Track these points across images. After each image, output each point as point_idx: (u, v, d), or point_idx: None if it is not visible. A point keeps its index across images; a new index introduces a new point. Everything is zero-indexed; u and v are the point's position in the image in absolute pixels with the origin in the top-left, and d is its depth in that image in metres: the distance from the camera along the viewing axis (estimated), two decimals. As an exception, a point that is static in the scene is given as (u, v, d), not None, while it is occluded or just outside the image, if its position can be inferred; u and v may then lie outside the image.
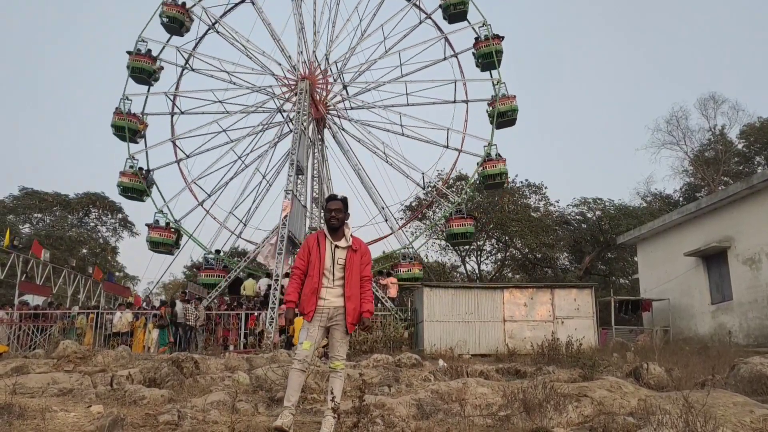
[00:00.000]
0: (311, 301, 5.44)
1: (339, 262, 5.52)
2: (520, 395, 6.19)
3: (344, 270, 5.51)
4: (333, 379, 5.46)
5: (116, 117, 26.01)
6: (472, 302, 17.77)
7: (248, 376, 8.02)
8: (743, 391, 6.39)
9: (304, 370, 5.42)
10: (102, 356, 9.70)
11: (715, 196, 20.38)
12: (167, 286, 43.02)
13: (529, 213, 36.15)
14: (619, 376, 7.94)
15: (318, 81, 27.74)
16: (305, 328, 5.48)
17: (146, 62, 26.42)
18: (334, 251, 5.53)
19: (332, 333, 5.54)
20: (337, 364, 5.44)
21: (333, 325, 5.50)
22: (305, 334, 5.45)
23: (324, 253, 5.51)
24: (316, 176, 28.40)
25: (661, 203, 38.50)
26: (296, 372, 5.38)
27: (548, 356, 11.98)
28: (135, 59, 26.24)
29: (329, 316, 5.47)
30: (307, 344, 5.39)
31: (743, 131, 39.19)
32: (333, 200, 5.64)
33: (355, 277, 5.54)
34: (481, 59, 26.19)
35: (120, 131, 25.90)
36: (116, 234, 44.89)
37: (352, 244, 5.60)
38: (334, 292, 5.50)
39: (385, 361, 10.59)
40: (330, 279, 5.50)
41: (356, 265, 5.55)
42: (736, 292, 18.75)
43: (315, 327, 5.44)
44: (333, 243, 5.56)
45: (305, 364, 5.39)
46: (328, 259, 5.50)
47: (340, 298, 5.49)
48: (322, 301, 5.46)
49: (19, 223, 40.05)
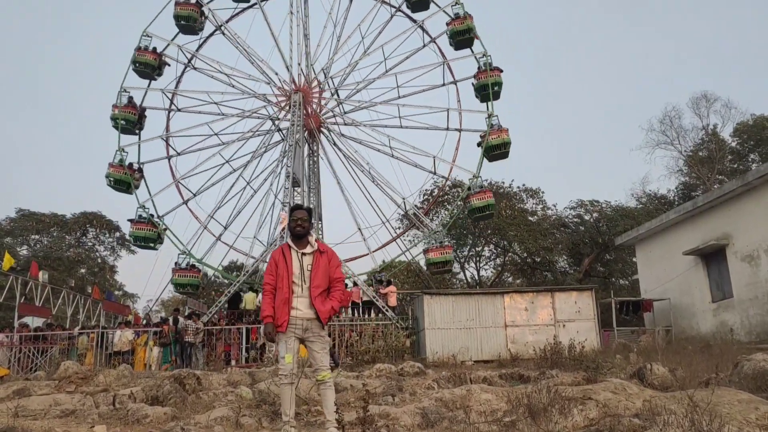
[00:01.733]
0: (283, 311, 5.52)
1: (307, 268, 5.63)
2: (524, 400, 6.17)
3: (311, 276, 5.62)
4: (324, 391, 5.53)
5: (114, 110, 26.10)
6: (473, 308, 17.75)
7: (251, 390, 7.99)
8: (747, 388, 6.38)
9: (293, 382, 5.50)
10: (103, 376, 9.64)
11: (712, 194, 20.43)
12: (166, 303, 42.88)
13: (527, 217, 36.20)
14: (623, 378, 7.93)
15: (312, 94, 27.79)
16: (283, 341, 5.55)
17: (151, 57, 26.59)
18: (301, 259, 5.65)
19: (310, 347, 5.61)
20: (324, 374, 5.51)
21: (309, 338, 5.57)
22: (284, 347, 5.53)
23: (291, 262, 5.62)
24: (314, 188, 28.40)
25: (658, 203, 38.58)
26: (286, 386, 5.48)
27: (551, 360, 11.94)
28: (140, 54, 26.44)
29: (303, 328, 5.55)
30: (288, 357, 5.48)
31: (737, 129, 39.32)
32: (298, 209, 5.84)
33: (322, 277, 5.64)
34: (480, 90, 26.14)
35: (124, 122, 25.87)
36: (114, 252, 44.80)
37: (318, 248, 5.73)
38: (305, 302, 5.57)
39: (388, 371, 10.56)
40: (300, 287, 5.59)
41: (323, 266, 5.67)
42: (736, 289, 18.77)
43: (291, 339, 5.53)
44: (299, 251, 5.67)
45: (292, 376, 5.48)
46: (296, 267, 5.61)
47: (312, 309, 5.57)
48: (295, 311, 5.54)
49: (16, 245, 39.95)
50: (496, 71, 26.13)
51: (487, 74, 25.77)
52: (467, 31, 26.22)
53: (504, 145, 25.46)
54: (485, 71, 25.90)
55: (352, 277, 22.95)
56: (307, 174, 27.49)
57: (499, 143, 25.34)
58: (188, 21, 26.77)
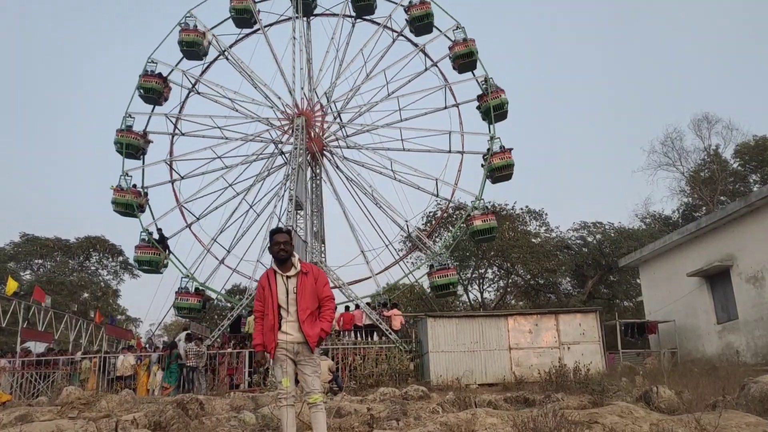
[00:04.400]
0: (270, 338, 5.52)
1: (293, 291, 5.58)
2: (530, 424, 6.11)
3: (296, 299, 5.57)
4: (315, 414, 5.50)
5: (119, 134, 26.28)
6: (477, 331, 17.66)
7: (254, 415, 7.94)
8: (755, 411, 6.32)
9: (293, 404, 5.52)
10: (106, 401, 9.59)
11: (715, 215, 20.40)
12: (169, 327, 42.73)
13: (530, 239, 36.16)
14: (630, 401, 7.86)
15: (315, 118, 27.99)
16: (278, 365, 5.56)
17: (156, 82, 26.83)
18: (286, 282, 5.61)
19: (301, 370, 5.59)
20: (315, 398, 5.50)
21: (299, 361, 5.56)
22: (280, 371, 5.54)
23: (275, 288, 5.59)
24: (317, 211, 28.45)
25: (661, 224, 38.54)
26: (285, 408, 5.48)
27: (556, 383, 11.84)
28: (145, 80, 26.70)
29: (294, 351, 5.54)
30: (285, 381, 5.48)
31: (738, 150, 39.37)
32: (279, 233, 5.76)
33: (309, 298, 5.59)
34: (487, 113, 26.22)
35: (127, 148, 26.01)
36: (117, 277, 44.81)
37: (301, 269, 5.68)
38: (295, 325, 5.54)
39: (392, 395, 10.48)
40: (288, 311, 5.56)
41: (309, 287, 5.61)
42: (741, 310, 18.65)
43: (286, 362, 5.53)
44: (284, 275, 5.64)
45: (291, 398, 5.49)
46: (281, 293, 5.58)
47: (301, 333, 5.54)
48: (284, 335, 5.52)
49: (20, 270, 39.98)
50: (498, 92, 26.30)
51: (490, 97, 25.95)
52: (469, 54, 26.46)
53: (507, 166, 25.55)
54: (488, 94, 26.08)
55: (354, 300, 22.90)
56: (310, 197, 27.58)
57: (503, 165, 25.43)
58: (192, 47, 27.10)
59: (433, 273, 24.84)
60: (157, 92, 26.89)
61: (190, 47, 27.09)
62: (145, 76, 26.84)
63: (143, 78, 26.75)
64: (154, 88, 26.75)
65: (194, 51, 27.30)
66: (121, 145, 26.04)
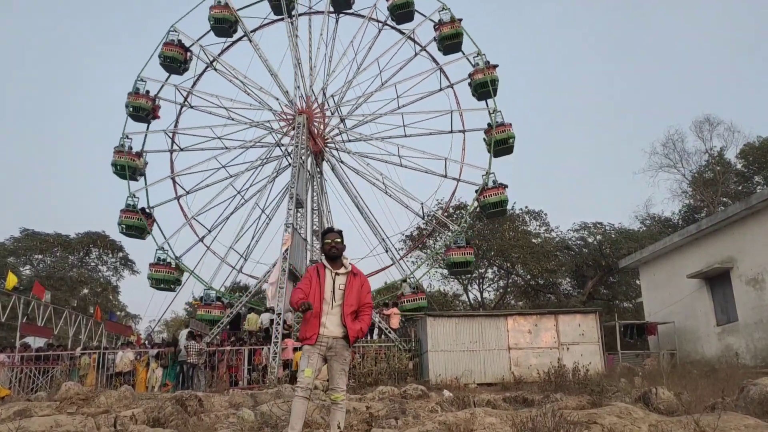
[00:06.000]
0: (314, 324, 5.62)
1: (340, 288, 5.74)
2: (529, 424, 6.11)
3: (344, 294, 5.72)
4: (335, 412, 5.59)
5: (116, 155, 26.29)
6: (476, 331, 17.66)
7: (253, 412, 7.93)
8: (754, 413, 6.31)
9: (308, 397, 5.57)
10: (105, 397, 9.57)
11: (716, 217, 20.37)
12: (169, 324, 42.73)
13: (530, 239, 36.14)
14: (628, 402, 7.85)
15: (315, 115, 27.98)
16: (306, 355, 5.63)
17: (145, 101, 26.81)
18: (334, 279, 5.77)
19: (331, 364, 5.68)
20: (337, 395, 5.57)
21: (331, 356, 5.65)
22: (306, 361, 5.60)
23: (324, 281, 5.74)
24: (316, 209, 28.45)
25: (661, 226, 38.49)
26: (300, 400, 5.52)
27: (555, 383, 11.86)
28: (135, 98, 26.65)
29: (328, 346, 5.63)
30: (308, 371, 5.54)
31: (742, 150, 39.29)
32: (331, 232, 6.02)
33: (354, 297, 5.74)
34: (477, 89, 26.39)
35: (121, 170, 26.13)
36: (117, 273, 44.78)
37: (351, 270, 5.87)
38: (334, 319, 5.67)
39: (391, 393, 10.48)
40: (330, 305, 5.69)
41: (356, 288, 5.78)
42: (741, 312, 18.63)
43: (315, 354, 5.61)
44: (333, 271, 5.80)
45: (308, 391, 5.55)
46: (328, 287, 5.72)
47: (339, 328, 5.65)
48: (322, 328, 5.62)
49: (19, 265, 39.95)
50: (492, 68, 26.31)
51: (485, 72, 25.97)
52: (455, 35, 26.49)
53: (509, 139, 25.67)
54: (482, 69, 26.09)
55: None
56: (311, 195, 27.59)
57: (504, 138, 25.56)
58: (173, 62, 27.14)
59: (451, 250, 24.99)
60: (145, 110, 26.88)
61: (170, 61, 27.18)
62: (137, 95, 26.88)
63: (133, 97, 26.74)
64: (142, 107, 26.74)
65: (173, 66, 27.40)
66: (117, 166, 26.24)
